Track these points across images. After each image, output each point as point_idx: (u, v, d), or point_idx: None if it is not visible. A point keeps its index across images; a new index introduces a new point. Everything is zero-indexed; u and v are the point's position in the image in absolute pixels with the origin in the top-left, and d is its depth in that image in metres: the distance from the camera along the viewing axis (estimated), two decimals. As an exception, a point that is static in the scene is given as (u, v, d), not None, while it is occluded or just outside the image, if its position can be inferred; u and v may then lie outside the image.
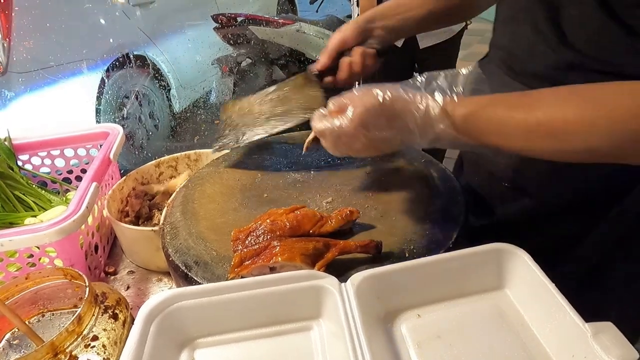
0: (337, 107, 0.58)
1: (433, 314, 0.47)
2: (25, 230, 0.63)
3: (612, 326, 0.38)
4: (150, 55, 2.59)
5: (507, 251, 0.48)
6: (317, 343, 0.46)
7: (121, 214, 0.87)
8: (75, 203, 0.68)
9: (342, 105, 0.57)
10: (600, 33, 0.53)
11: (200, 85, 2.79)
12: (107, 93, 2.29)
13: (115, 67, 2.34)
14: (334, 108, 0.58)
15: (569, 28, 0.56)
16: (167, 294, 0.46)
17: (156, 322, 0.45)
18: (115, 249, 0.88)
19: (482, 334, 0.45)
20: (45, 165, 0.97)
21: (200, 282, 0.55)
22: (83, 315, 0.48)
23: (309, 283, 0.47)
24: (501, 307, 0.47)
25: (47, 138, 0.96)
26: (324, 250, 0.54)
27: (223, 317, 0.47)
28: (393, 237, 0.59)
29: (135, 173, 0.93)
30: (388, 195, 0.68)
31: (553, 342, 0.42)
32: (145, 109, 2.54)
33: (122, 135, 0.95)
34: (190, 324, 0.47)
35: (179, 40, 2.76)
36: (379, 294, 0.47)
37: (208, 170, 0.80)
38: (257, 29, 2.51)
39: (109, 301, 0.53)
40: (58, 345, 0.45)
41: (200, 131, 2.10)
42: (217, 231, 0.64)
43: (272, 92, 0.79)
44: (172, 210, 0.70)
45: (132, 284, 0.79)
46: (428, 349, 0.44)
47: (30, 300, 0.56)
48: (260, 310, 0.47)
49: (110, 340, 0.48)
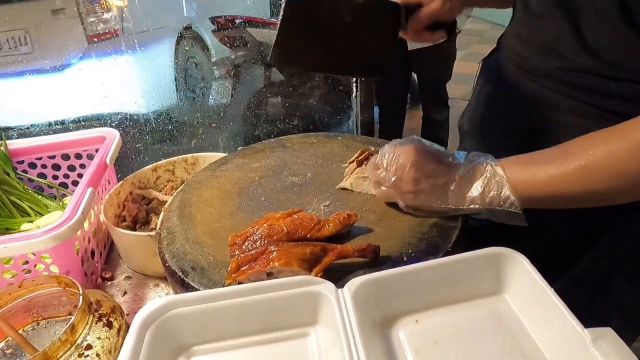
0: (382, 163, 0.60)
1: (431, 320, 0.47)
2: (19, 237, 0.63)
3: (611, 332, 0.38)
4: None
5: (506, 256, 0.47)
6: (313, 350, 0.46)
7: (118, 219, 0.87)
8: (70, 209, 0.68)
9: (387, 157, 0.59)
10: (619, 40, 0.53)
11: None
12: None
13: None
14: (378, 165, 0.61)
15: (589, 32, 0.56)
16: (162, 301, 0.46)
17: (151, 330, 0.44)
18: (112, 254, 0.87)
19: (481, 340, 0.44)
20: (42, 170, 0.97)
21: (197, 287, 0.54)
22: (76, 324, 0.47)
23: (305, 289, 0.46)
24: (500, 312, 0.47)
25: (43, 143, 0.95)
26: (321, 254, 0.53)
27: (219, 324, 0.47)
28: (391, 241, 0.58)
29: (132, 177, 0.93)
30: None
31: (552, 348, 0.42)
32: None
33: (118, 139, 0.94)
34: (185, 331, 0.46)
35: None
36: (376, 299, 0.47)
37: (205, 174, 0.79)
38: (255, 31, 2.51)
39: (103, 309, 0.52)
40: (51, 355, 0.44)
41: (197, 134, 2.10)
42: (214, 236, 0.63)
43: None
44: (168, 214, 0.70)
45: (129, 289, 0.78)
46: (426, 355, 0.43)
47: (25, 309, 0.55)
48: (256, 316, 0.47)
49: (105, 349, 0.48)
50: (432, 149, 0.60)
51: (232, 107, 2.52)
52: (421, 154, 0.57)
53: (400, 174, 0.57)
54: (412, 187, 0.57)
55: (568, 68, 0.59)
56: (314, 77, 2.50)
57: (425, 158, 0.57)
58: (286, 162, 0.81)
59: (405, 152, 0.58)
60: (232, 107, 2.52)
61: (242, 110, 2.53)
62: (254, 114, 2.48)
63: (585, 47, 0.56)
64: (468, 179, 0.55)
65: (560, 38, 0.59)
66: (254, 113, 2.49)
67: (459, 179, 0.56)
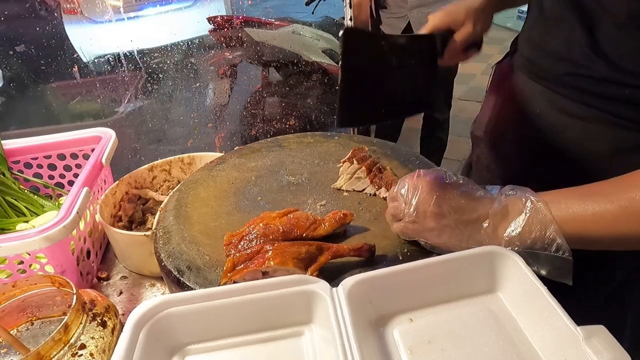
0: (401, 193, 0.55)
1: (425, 318, 0.47)
2: (14, 236, 0.63)
3: (604, 329, 0.38)
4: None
5: (499, 254, 0.47)
6: (308, 348, 0.46)
7: (114, 219, 0.86)
8: (65, 209, 0.67)
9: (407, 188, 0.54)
10: (633, 47, 0.52)
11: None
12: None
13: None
14: (396, 196, 0.55)
15: (603, 39, 0.55)
16: (156, 300, 0.45)
17: (146, 329, 0.44)
18: (108, 254, 0.87)
19: (475, 338, 0.44)
20: (38, 170, 0.96)
21: (192, 287, 0.54)
22: (70, 323, 0.47)
23: (300, 288, 0.46)
24: (494, 311, 0.47)
25: (39, 143, 0.95)
26: (316, 254, 0.53)
27: (213, 323, 0.46)
28: (386, 240, 0.58)
29: (129, 177, 0.93)
30: (382, 198, 0.68)
31: (545, 346, 0.42)
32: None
33: (114, 139, 0.94)
34: (180, 331, 0.46)
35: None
36: (371, 298, 0.47)
37: (202, 174, 0.79)
38: (252, 31, 2.50)
39: (97, 308, 0.52)
40: (44, 355, 0.44)
41: (193, 134, 2.10)
42: (210, 235, 0.63)
43: (401, 42, 0.72)
44: (165, 214, 0.70)
45: (125, 289, 0.78)
46: (420, 354, 0.43)
47: (19, 308, 0.55)
48: (251, 315, 0.47)
49: (99, 349, 0.48)
50: (459, 181, 0.53)
51: (229, 106, 2.52)
52: (446, 186, 0.51)
53: (423, 208, 0.51)
54: (434, 224, 0.50)
55: (581, 74, 0.58)
56: (311, 77, 2.50)
57: (451, 191, 0.51)
58: (283, 161, 0.81)
59: (428, 184, 0.51)
60: (229, 106, 2.52)
61: (239, 109, 2.53)
62: (251, 114, 2.48)
63: (599, 53, 0.55)
64: (503, 215, 0.48)
65: (574, 43, 0.58)
66: (250, 113, 2.49)
67: (493, 215, 0.49)
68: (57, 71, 1.97)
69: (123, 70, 2.10)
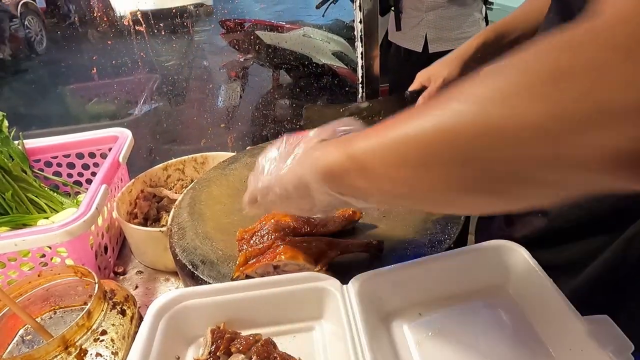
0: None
1: (434, 312, 0.48)
2: (37, 230, 0.65)
3: (608, 319, 0.39)
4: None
5: (506, 248, 0.48)
6: (318, 343, 0.47)
7: (130, 216, 0.89)
8: (85, 205, 0.70)
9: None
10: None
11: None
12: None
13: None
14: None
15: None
16: (174, 293, 0.48)
17: (164, 319, 0.46)
18: (124, 249, 0.90)
19: (483, 331, 0.45)
20: (57, 169, 1.00)
21: (206, 280, 0.56)
22: (92, 310, 0.49)
23: (312, 285, 0.48)
24: (501, 304, 0.48)
25: (59, 142, 0.99)
26: (326, 249, 0.55)
27: (227, 316, 0.48)
28: (395, 237, 0.60)
29: (144, 176, 0.95)
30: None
31: (550, 336, 0.43)
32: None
33: (130, 139, 0.97)
34: (196, 322, 0.48)
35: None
36: (380, 294, 0.48)
37: (215, 173, 0.81)
38: (263, 34, 2.54)
39: (117, 298, 0.54)
40: (69, 339, 0.46)
41: (207, 134, 2.13)
42: (223, 231, 0.65)
43: (363, 107, 0.80)
44: (179, 211, 0.72)
45: (141, 283, 0.80)
46: (429, 347, 0.44)
47: (42, 297, 0.58)
48: (263, 310, 0.48)
49: (119, 335, 0.50)
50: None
51: (241, 108, 2.56)
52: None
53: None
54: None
55: None
56: (321, 79, 2.52)
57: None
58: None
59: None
60: (241, 108, 2.56)
61: (251, 111, 2.57)
62: (262, 115, 2.51)
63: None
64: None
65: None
66: (262, 114, 2.52)
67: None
68: (75, 72, 2.03)
69: (139, 72, 2.15)
